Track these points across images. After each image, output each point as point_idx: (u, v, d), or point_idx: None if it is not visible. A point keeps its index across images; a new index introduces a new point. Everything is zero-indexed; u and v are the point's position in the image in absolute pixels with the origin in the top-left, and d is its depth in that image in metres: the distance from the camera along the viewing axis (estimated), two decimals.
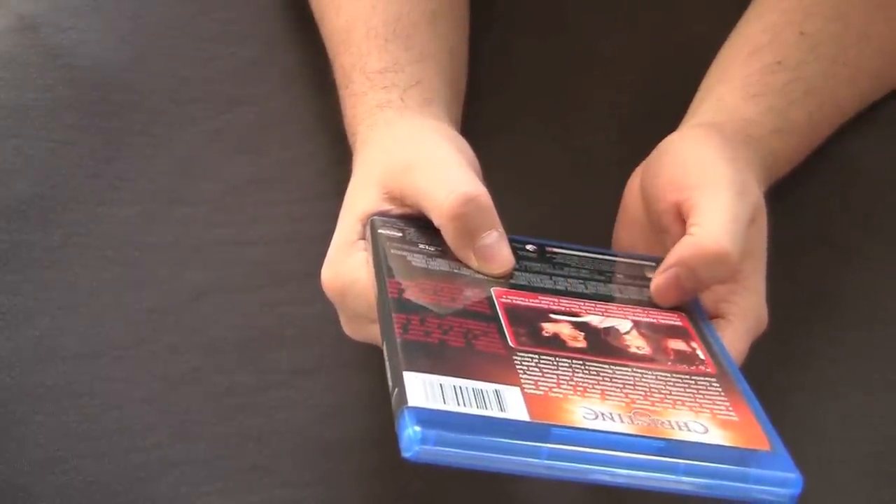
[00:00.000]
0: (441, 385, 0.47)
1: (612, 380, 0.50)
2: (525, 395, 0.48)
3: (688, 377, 0.51)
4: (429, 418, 0.45)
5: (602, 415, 0.47)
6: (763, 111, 0.66)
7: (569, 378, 0.50)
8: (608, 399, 0.49)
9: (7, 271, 0.67)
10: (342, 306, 0.59)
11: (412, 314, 0.51)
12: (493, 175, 0.63)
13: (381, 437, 0.65)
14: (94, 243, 0.69)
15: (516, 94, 0.76)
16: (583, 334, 0.53)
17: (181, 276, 0.69)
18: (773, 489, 0.47)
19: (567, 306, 0.56)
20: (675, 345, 0.54)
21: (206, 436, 0.65)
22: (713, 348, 0.54)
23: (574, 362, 0.51)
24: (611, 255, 0.61)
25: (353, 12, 0.68)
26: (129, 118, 0.73)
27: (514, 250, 0.59)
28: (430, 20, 0.67)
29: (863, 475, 0.65)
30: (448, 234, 0.56)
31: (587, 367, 0.51)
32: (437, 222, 0.57)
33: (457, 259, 0.57)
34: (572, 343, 0.53)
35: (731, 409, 0.50)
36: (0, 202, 0.69)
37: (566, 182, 0.73)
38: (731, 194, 0.57)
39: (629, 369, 0.51)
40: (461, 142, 0.61)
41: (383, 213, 0.58)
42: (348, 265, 0.57)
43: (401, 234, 0.57)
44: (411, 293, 0.53)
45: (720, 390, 0.51)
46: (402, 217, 0.58)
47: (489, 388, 0.47)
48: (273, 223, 0.71)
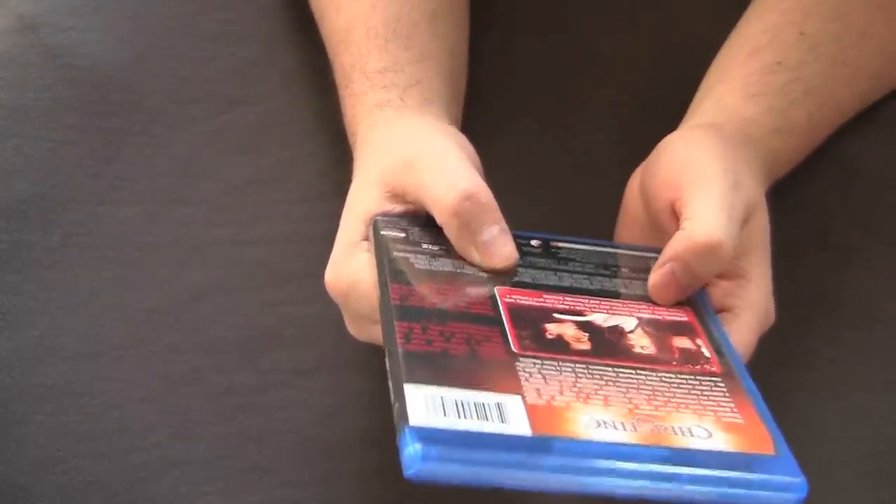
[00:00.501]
0: (442, 398, 0.46)
1: (616, 384, 0.50)
2: (527, 406, 0.47)
3: (692, 377, 0.51)
4: (430, 436, 0.45)
5: (605, 423, 0.47)
6: (763, 111, 0.66)
7: (572, 384, 0.49)
8: (611, 405, 0.48)
9: (7, 271, 0.67)
10: (346, 307, 0.59)
11: (414, 322, 0.51)
12: (494, 175, 0.63)
13: (381, 437, 0.65)
14: (94, 243, 0.69)
15: (516, 94, 0.76)
16: (587, 335, 0.53)
17: (181, 276, 0.69)
18: (777, 494, 0.47)
19: (572, 304, 0.55)
20: (681, 343, 0.54)
21: (206, 436, 0.65)
22: (719, 345, 0.54)
23: (577, 366, 0.51)
24: (617, 248, 0.61)
25: (352, 12, 0.68)
26: (129, 118, 0.73)
27: (519, 246, 0.58)
28: (429, 20, 0.67)
29: (863, 475, 0.65)
30: (450, 231, 0.56)
31: (590, 372, 0.51)
32: (438, 219, 0.57)
33: (460, 258, 0.57)
34: (576, 345, 0.52)
35: (735, 410, 0.50)
36: (0, 202, 0.69)
37: (566, 182, 0.73)
38: (722, 188, 0.57)
39: (633, 371, 0.51)
40: (461, 138, 0.61)
41: (386, 213, 0.58)
42: (352, 266, 0.57)
43: (404, 235, 0.57)
44: (414, 298, 0.53)
45: (725, 390, 0.51)
46: (405, 216, 0.58)
47: (491, 400, 0.47)
48: (273, 223, 0.71)
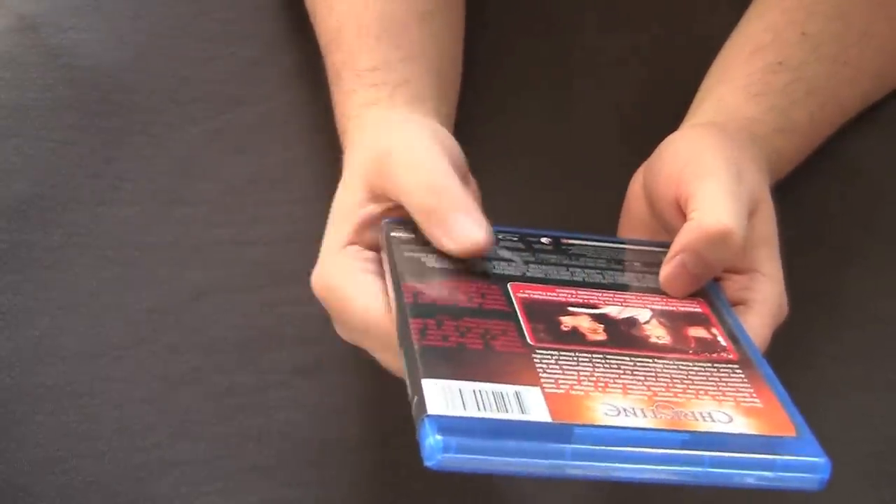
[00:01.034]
0: (461, 390, 0.46)
1: (634, 373, 0.50)
2: (546, 396, 0.47)
3: (710, 365, 0.51)
4: (450, 426, 0.45)
5: (624, 410, 0.47)
6: (765, 111, 0.66)
7: (589, 374, 0.49)
8: (630, 393, 0.48)
9: (7, 271, 0.67)
10: (330, 310, 0.59)
11: (429, 318, 0.51)
12: (494, 175, 0.64)
13: (381, 437, 0.65)
14: (94, 243, 0.69)
15: (516, 95, 0.76)
16: (602, 326, 0.53)
17: (181, 276, 0.69)
18: (801, 475, 0.46)
19: (585, 298, 0.55)
20: (696, 332, 0.54)
21: (205, 436, 0.65)
22: (735, 334, 0.54)
23: (594, 357, 0.51)
24: (627, 244, 0.61)
25: (344, 11, 0.68)
26: (129, 118, 0.73)
27: (529, 244, 0.59)
28: (421, 20, 0.67)
29: (863, 475, 0.65)
30: (422, 227, 0.56)
31: (608, 361, 0.50)
32: (413, 216, 0.57)
33: None
34: (592, 336, 0.52)
35: (754, 395, 0.50)
36: (0, 202, 0.69)
37: (567, 182, 0.73)
38: (727, 178, 0.57)
39: (650, 360, 0.51)
40: (441, 131, 0.61)
41: (395, 216, 0.58)
42: (332, 270, 0.57)
43: (413, 236, 0.57)
44: (427, 296, 0.53)
45: (743, 377, 0.51)
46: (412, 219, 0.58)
47: (509, 390, 0.47)
48: (273, 223, 0.71)
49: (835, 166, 0.72)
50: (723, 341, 0.53)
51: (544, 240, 0.60)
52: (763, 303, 0.57)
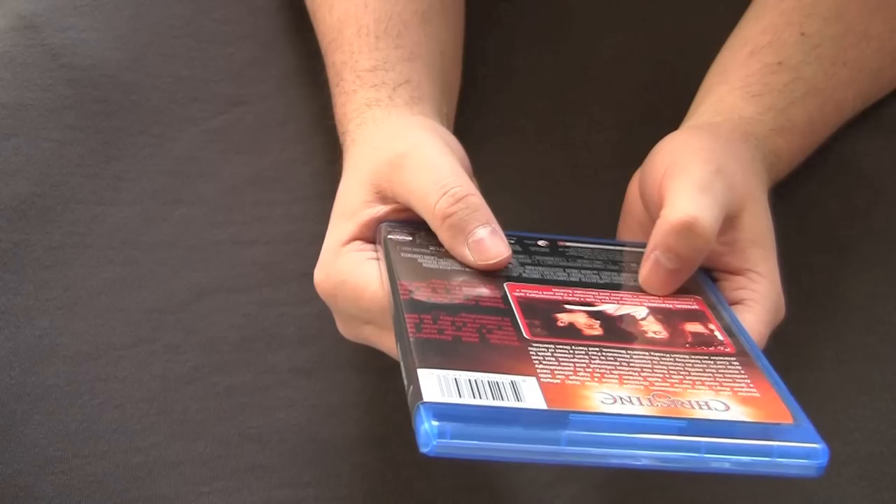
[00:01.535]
0: (456, 379, 0.47)
1: (630, 364, 0.50)
2: (541, 385, 0.48)
3: (706, 357, 0.51)
4: (445, 412, 0.45)
5: (621, 399, 0.47)
6: (763, 110, 0.66)
7: (585, 365, 0.50)
8: (626, 383, 0.49)
9: (7, 271, 0.67)
10: (334, 307, 0.59)
11: (424, 313, 0.51)
12: (493, 175, 0.63)
13: (381, 437, 0.65)
14: (94, 243, 0.69)
15: (516, 95, 0.76)
16: (598, 322, 0.53)
17: (181, 276, 0.69)
18: (798, 461, 0.46)
19: (581, 297, 0.56)
20: (693, 328, 0.54)
21: (205, 435, 0.65)
22: (731, 329, 0.54)
23: (590, 349, 0.51)
24: (623, 246, 0.61)
25: (345, 10, 0.68)
26: (128, 118, 0.73)
27: (526, 246, 0.59)
28: (421, 20, 0.67)
29: (863, 476, 0.65)
30: (441, 235, 0.56)
31: (604, 354, 0.51)
32: (429, 223, 0.57)
33: None
34: (588, 331, 0.53)
35: (751, 385, 0.50)
36: (0, 202, 0.69)
37: (567, 182, 0.73)
38: (699, 174, 0.57)
39: (646, 353, 0.51)
40: (449, 136, 0.61)
41: (392, 219, 0.58)
42: (339, 266, 0.57)
43: (411, 239, 0.57)
44: (423, 293, 0.53)
45: (740, 368, 0.51)
46: (411, 221, 0.58)
47: (505, 379, 0.47)
48: (272, 223, 0.71)
49: (835, 166, 0.72)
50: (719, 336, 0.53)
51: (541, 242, 0.60)
52: (759, 301, 0.58)
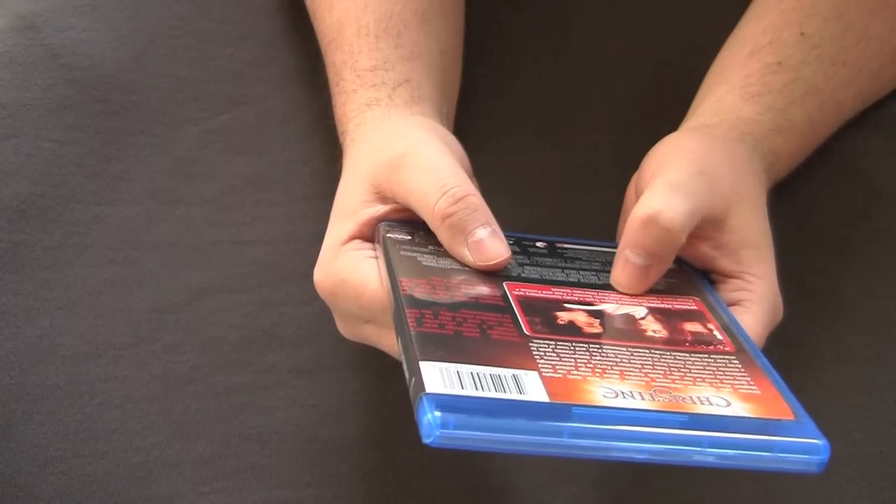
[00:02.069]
0: (458, 372, 0.47)
1: (631, 361, 0.50)
2: (543, 378, 0.48)
3: (706, 356, 0.52)
4: (448, 403, 0.45)
5: (622, 393, 0.48)
6: (762, 110, 0.66)
7: (586, 361, 0.50)
8: (627, 379, 0.49)
9: (7, 271, 0.67)
10: (334, 307, 0.59)
11: (425, 309, 0.52)
12: (493, 176, 0.63)
13: (381, 437, 0.65)
14: (94, 243, 0.69)
15: (516, 95, 0.76)
16: (598, 321, 0.54)
17: (181, 276, 0.69)
18: (800, 457, 0.47)
19: (580, 296, 0.56)
20: (692, 327, 0.54)
21: (205, 435, 0.65)
22: (730, 329, 0.54)
23: (591, 346, 0.51)
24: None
25: (344, 10, 0.68)
26: (128, 118, 0.73)
27: (525, 247, 0.59)
28: (421, 19, 0.67)
29: (863, 475, 0.65)
30: (440, 235, 0.56)
31: (604, 351, 0.51)
32: (428, 223, 0.57)
33: None
34: (588, 329, 0.53)
35: (752, 383, 0.50)
36: (0, 202, 0.69)
37: (567, 183, 0.73)
38: (675, 173, 0.58)
39: (647, 351, 0.51)
40: (449, 136, 0.61)
41: (391, 218, 0.59)
42: (338, 265, 0.57)
43: (410, 238, 0.57)
44: (423, 290, 0.53)
45: (740, 366, 0.51)
46: (409, 221, 0.58)
47: (507, 373, 0.48)
48: (272, 223, 0.71)
49: (835, 166, 0.72)
50: (718, 335, 0.54)
51: (539, 244, 0.60)
52: (755, 302, 0.58)
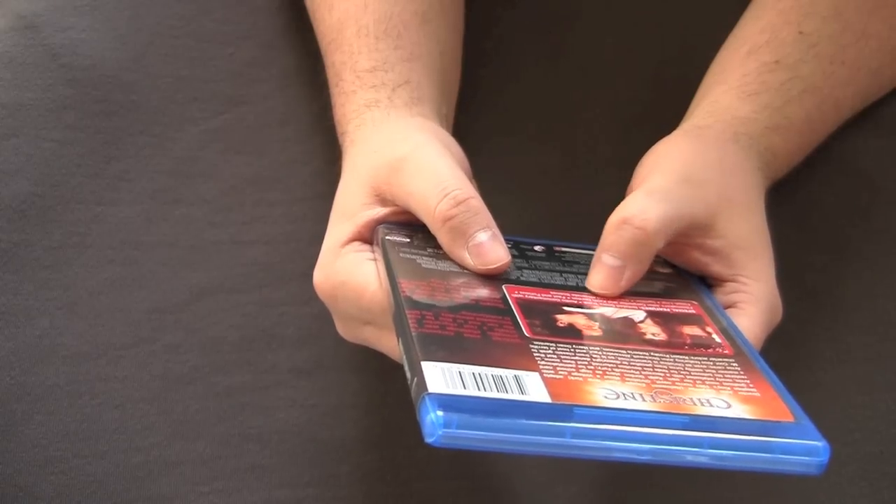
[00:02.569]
0: (460, 373, 0.47)
1: (631, 363, 0.51)
2: (545, 380, 0.48)
3: (706, 359, 0.52)
4: (450, 403, 0.45)
5: (623, 395, 0.48)
6: (758, 109, 0.66)
7: (587, 363, 0.50)
8: (628, 381, 0.49)
9: (7, 271, 0.67)
10: (334, 308, 0.59)
11: (426, 310, 0.52)
12: (493, 176, 0.63)
13: (381, 437, 0.65)
14: (94, 243, 0.69)
15: (516, 96, 0.76)
16: (597, 324, 0.54)
17: (181, 276, 0.69)
18: (800, 458, 0.47)
19: (579, 300, 0.56)
20: (690, 330, 0.54)
21: (205, 435, 0.65)
22: (729, 332, 0.54)
23: (591, 349, 0.51)
24: None
25: (344, 10, 0.68)
26: (128, 118, 0.73)
27: (523, 251, 0.59)
28: (421, 20, 0.67)
29: (863, 475, 0.65)
30: (441, 237, 0.56)
31: (604, 353, 0.51)
32: (428, 225, 0.57)
33: None
34: (588, 332, 0.53)
35: (751, 385, 0.50)
36: (0, 202, 0.69)
37: (566, 182, 0.73)
38: (656, 181, 0.58)
39: (647, 353, 0.52)
40: (449, 139, 0.61)
41: (390, 221, 0.59)
42: (338, 266, 0.57)
43: (409, 240, 0.57)
44: (423, 292, 0.53)
45: (739, 369, 0.51)
46: (409, 224, 0.58)
47: (508, 373, 0.48)
48: (272, 223, 0.71)
49: (835, 166, 0.72)
50: (717, 338, 0.54)
51: (537, 248, 0.61)
52: (753, 304, 0.58)
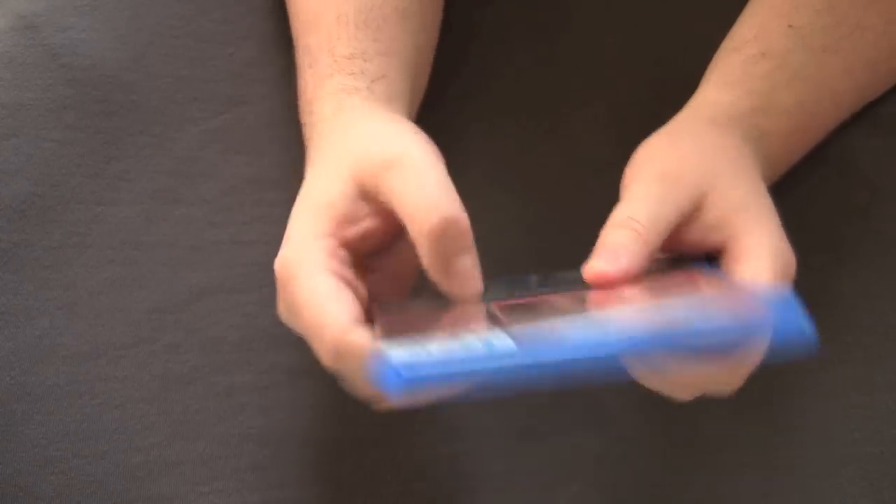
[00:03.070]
0: (422, 344, 0.47)
1: (604, 310, 0.51)
2: (511, 335, 0.48)
3: (689, 294, 0.52)
4: (411, 358, 0.46)
5: (597, 319, 0.49)
6: (741, 95, 0.65)
7: (556, 316, 0.50)
8: (599, 310, 0.50)
9: (6, 271, 0.67)
10: (283, 294, 0.57)
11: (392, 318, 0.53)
12: (492, 176, 0.64)
13: (381, 438, 0.65)
14: (94, 243, 0.69)
15: (515, 94, 0.76)
16: (577, 300, 0.54)
17: (181, 276, 0.69)
18: (789, 338, 0.47)
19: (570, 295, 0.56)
20: (678, 282, 0.55)
21: (205, 435, 0.65)
22: (723, 280, 0.54)
23: (563, 308, 0.52)
24: None
25: None
26: (128, 118, 0.73)
27: (517, 285, 0.59)
28: (400, 16, 0.67)
29: (863, 476, 0.65)
30: (425, 253, 0.55)
31: (577, 308, 0.52)
32: (412, 234, 0.55)
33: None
34: (563, 303, 0.53)
35: (732, 291, 0.51)
36: (0, 201, 0.69)
37: (565, 182, 0.73)
38: (638, 188, 0.60)
39: (623, 304, 0.52)
40: (434, 147, 0.60)
41: (369, 235, 0.58)
42: (306, 260, 0.56)
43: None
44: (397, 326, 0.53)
45: (721, 286, 0.52)
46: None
47: (471, 336, 0.48)
48: (272, 223, 0.71)
49: (833, 165, 0.72)
50: (706, 282, 0.54)
51: (532, 277, 0.60)
52: (752, 253, 0.57)
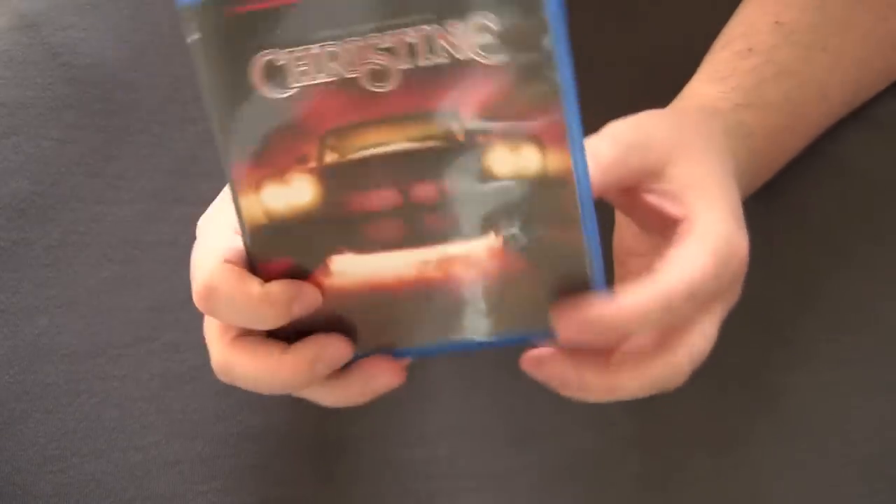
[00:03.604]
0: None
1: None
2: None
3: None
4: None
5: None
6: (727, 90, 0.65)
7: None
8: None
9: (6, 269, 0.67)
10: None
11: None
12: None
13: (380, 437, 0.65)
14: (94, 242, 0.69)
15: None
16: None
17: (181, 275, 0.68)
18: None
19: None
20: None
21: (204, 434, 0.65)
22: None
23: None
24: None
25: None
26: (129, 117, 0.73)
27: None
28: None
29: (863, 476, 0.65)
30: None
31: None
32: None
33: None
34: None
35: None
36: None
37: None
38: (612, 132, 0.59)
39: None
40: None
41: None
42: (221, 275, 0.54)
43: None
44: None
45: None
46: None
47: None
48: None
49: (834, 166, 0.72)
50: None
51: None
52: (696, 237, 0.53)
